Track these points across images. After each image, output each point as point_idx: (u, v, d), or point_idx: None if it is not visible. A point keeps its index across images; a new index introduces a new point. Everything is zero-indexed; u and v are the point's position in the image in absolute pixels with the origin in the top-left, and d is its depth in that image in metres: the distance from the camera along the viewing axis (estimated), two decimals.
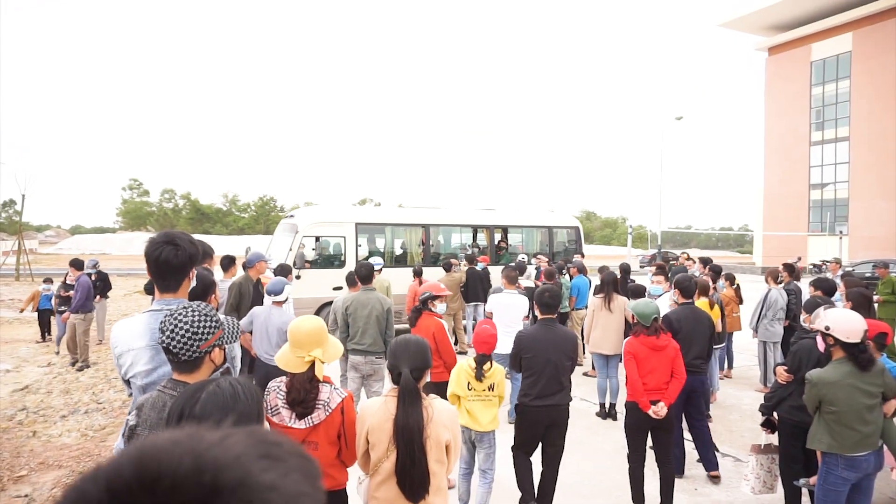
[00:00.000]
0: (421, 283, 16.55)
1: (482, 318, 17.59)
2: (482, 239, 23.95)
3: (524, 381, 7.37)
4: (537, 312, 7.62)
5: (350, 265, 18.80)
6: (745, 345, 19.17)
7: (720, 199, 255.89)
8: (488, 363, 7.02)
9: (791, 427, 7.19)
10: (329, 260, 19.05)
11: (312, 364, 4.63)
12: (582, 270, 16.22)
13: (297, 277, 17.43)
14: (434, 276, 18.95)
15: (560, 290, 13.93)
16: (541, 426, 7.22)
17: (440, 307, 8.79)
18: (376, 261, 15.99)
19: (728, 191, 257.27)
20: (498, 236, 23.37)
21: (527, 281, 15.39)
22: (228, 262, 11.20)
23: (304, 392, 4.56)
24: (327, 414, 4.60)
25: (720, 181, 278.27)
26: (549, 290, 7.52)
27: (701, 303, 11.46)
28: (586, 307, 14.85)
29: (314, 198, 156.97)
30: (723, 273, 15.28)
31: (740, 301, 15.03)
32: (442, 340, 8.40)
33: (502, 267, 17.51)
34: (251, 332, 9.30)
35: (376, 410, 4.57)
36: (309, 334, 4.67)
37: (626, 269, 15.71)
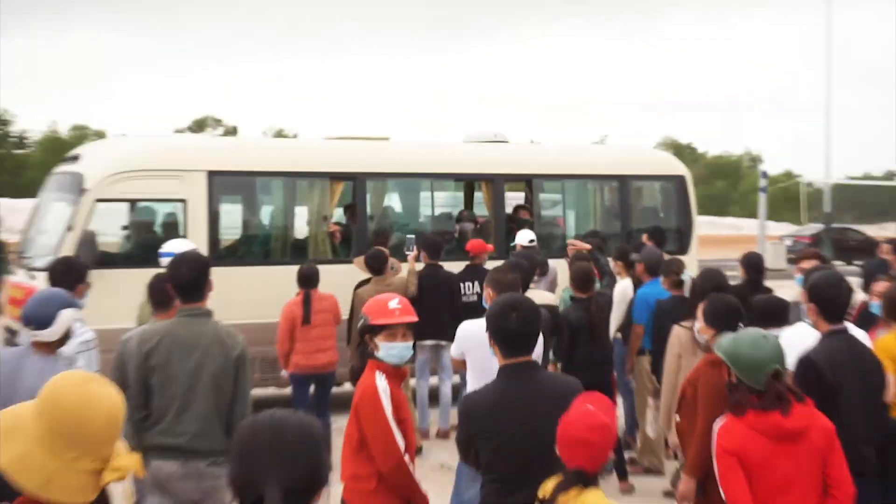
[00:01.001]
0: (308, 296, 9.06)
1: (447, 368, 10.14)
2: (480, 202, 13.53)
3: (486, 489, 4.36)
4: (496, 354, 4.39)
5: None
6: None
7: None
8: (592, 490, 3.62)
9: None
10: (151, 249, 9.35)
11: (102, 491, 2.46)
12: (653, 270, 8.80)
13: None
14: (344, 281, 9.88)
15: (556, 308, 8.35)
16: None
17: (394, 349, 4.74)
18: (178, 247, 7.90)
19: None
20: (514, 197, 13.76)
21: (541, 291, 8.88)
22: None
23: None
24: None
25: None
26: (519, 303, 4.38)
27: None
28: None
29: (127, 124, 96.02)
30: None
31: None
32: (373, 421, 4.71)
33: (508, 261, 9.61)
34: None
35: None
36: (111, 422, 2.44)
37: (754, 267, 8.56)
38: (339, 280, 9.72)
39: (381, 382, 4.76)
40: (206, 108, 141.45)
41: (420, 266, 10.09)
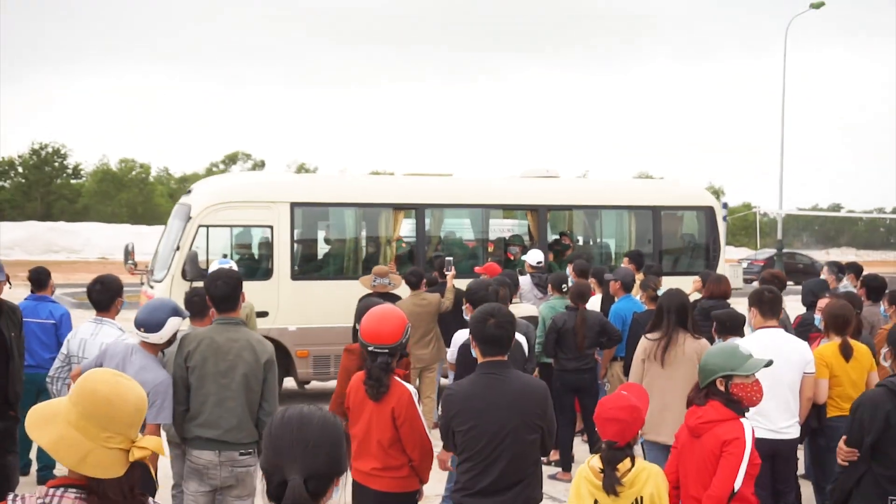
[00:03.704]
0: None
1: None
2: (521, 230, 14.44)
3: (460, 469, 4.47)
4: (476, 353, 4.55)
5: (282, 273, 11.23)
6: None
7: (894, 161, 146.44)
8: (626, 458, 4.12)
9: None
10: (246, 266, 11.34)
11: (135, 464, 2.50)
12: (626, 287, 9.07)
13: None
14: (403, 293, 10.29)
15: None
16: None
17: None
18: (222, 263, 9.14)
19: None
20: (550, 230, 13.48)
21: (525, 304, 9.27)
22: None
23: None
24: None
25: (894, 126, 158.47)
26: (496, 311, 4.51)
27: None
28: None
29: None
30: (887, 292, 8.20)
31: None
32: (409, 419, 4.81)
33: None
34: None
35: None
36: (138, 408, 2.54)
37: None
38: (399, 292, 10.10)
39: (405, 389, 4.85)
40: (235, 142, 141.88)
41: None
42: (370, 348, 4.78)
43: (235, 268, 8.88)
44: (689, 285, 9.65)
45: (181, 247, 10.84)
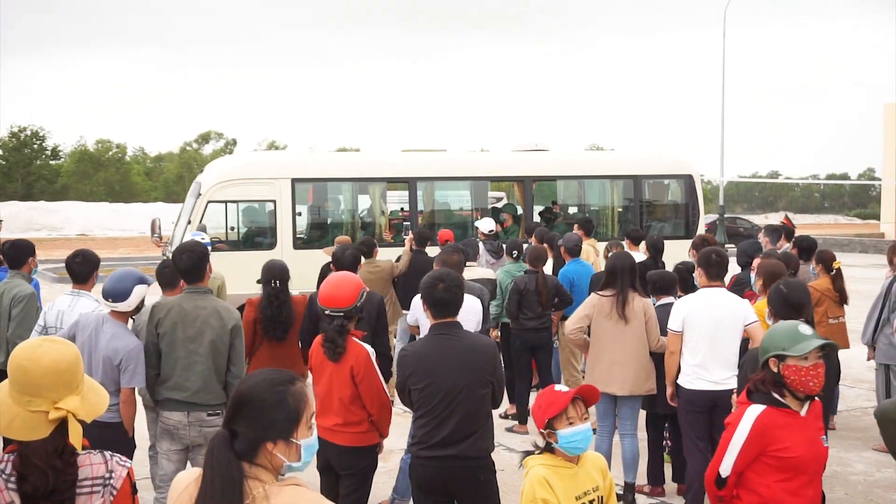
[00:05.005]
0: None
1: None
2: (513, 200, 14.79)
3: (417, 424, 4.55)
4: (428, 316, 4.66)
5: (284, 244, 11.77)
6: (857, 372, 10.40)
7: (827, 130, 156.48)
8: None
9: None
10: (251, 238, 12.23)
11: (61, 424, 2.47)
12: (573, 251, 9.13)
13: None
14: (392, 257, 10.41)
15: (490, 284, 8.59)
16: (442, 492, 4.47)
17: None
18: (195, 235, 9.02)
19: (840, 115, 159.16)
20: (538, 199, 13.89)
21: (482, 268, 9.33)
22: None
23: (50, 474, 2.43)
24: (113, 497, 2.54)
25: (825, 97, 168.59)
26: (445, 276, 4.56)
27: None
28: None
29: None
30: (816, 252, 8.55)
31: (843, 299, 8.19)
32: (367, 377, 4.86)
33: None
34: None
35: (179, 495, 2.39)
36: (51, 370, 2.49)
37: (655, 248, 9.32)
38: (391, 256, 10.27)
39: (361, 348, 4.92)
40: (207, 122, 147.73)
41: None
42: (326, 312, 4.86)
43: (208, 240, 9.08)
44: (671, 249, 9.97)
45: (192, 221, 11.48)
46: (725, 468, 3.73)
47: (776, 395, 3.67)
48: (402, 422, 6.56)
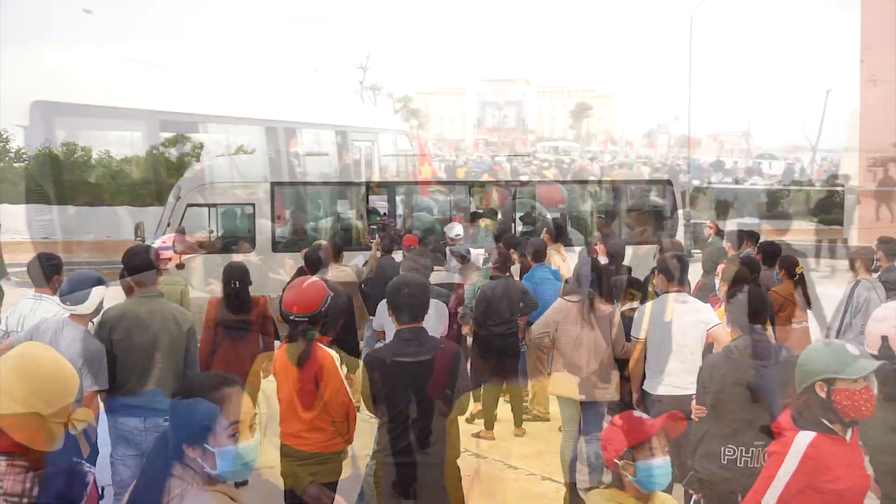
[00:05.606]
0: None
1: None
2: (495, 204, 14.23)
3: (382, 431, 4.49)
4: (393, 321, 4.57)
5: (263, 246, 11.52)
6: None
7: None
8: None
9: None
10: (231, 241, 11.76)
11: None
12: (537, 256, 8.95)
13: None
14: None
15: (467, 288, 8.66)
16: (407, 498, 4.44)
17: None
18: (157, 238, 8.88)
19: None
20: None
21: (445, 273, 9.40)
22: None
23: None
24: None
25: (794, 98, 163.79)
26: (409, 282, 4.54)
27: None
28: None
29: None
30: (780, 257, 8.53)
31: (807, 303, 8.32)
32: (331, 383, 4.79)
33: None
34: None
35: None
36: (72, 378, 2.58)
37: (616, 252, 9.24)
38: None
39: (326, 353, 4.84)
40: None
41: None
42: (291, 317, 4.77)
43: (170, 244, 9.02)
44: (650, 253, 10.02)
45: (171, 224, 11.36)
46: (770, 500, 3.45)
47: (825, 422, 3.43)
48: (367, 428, 6.46)
